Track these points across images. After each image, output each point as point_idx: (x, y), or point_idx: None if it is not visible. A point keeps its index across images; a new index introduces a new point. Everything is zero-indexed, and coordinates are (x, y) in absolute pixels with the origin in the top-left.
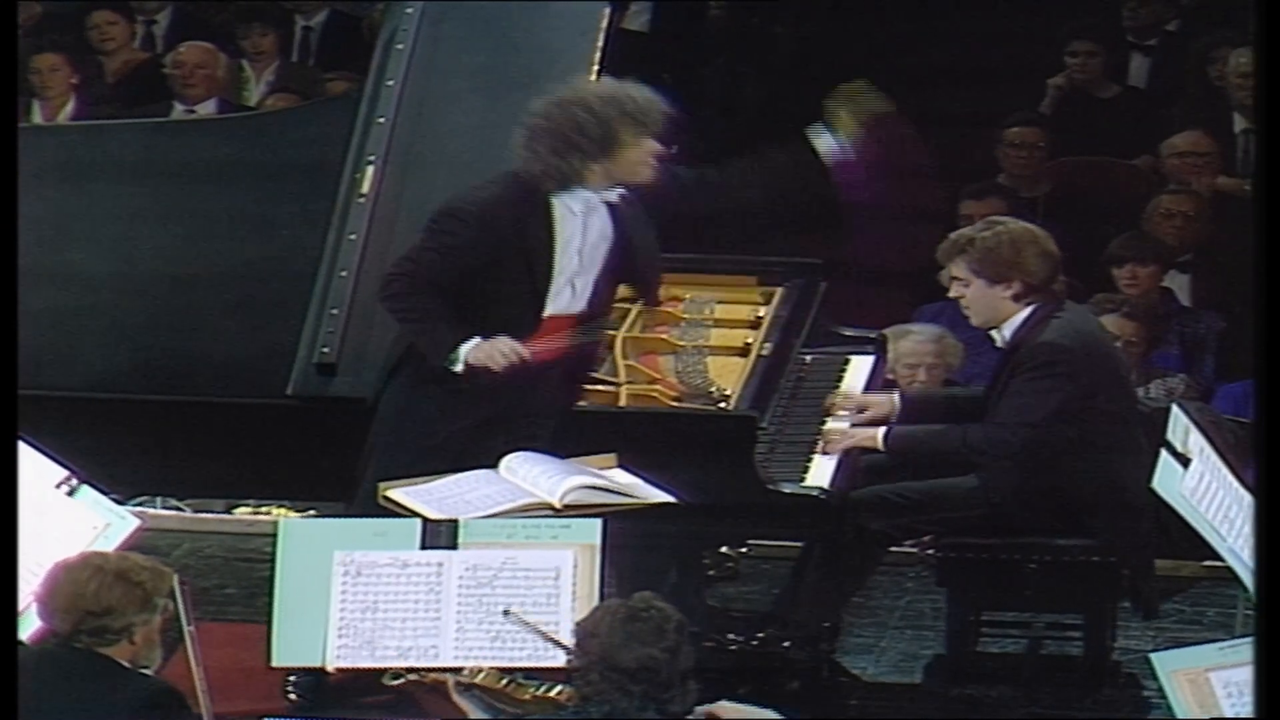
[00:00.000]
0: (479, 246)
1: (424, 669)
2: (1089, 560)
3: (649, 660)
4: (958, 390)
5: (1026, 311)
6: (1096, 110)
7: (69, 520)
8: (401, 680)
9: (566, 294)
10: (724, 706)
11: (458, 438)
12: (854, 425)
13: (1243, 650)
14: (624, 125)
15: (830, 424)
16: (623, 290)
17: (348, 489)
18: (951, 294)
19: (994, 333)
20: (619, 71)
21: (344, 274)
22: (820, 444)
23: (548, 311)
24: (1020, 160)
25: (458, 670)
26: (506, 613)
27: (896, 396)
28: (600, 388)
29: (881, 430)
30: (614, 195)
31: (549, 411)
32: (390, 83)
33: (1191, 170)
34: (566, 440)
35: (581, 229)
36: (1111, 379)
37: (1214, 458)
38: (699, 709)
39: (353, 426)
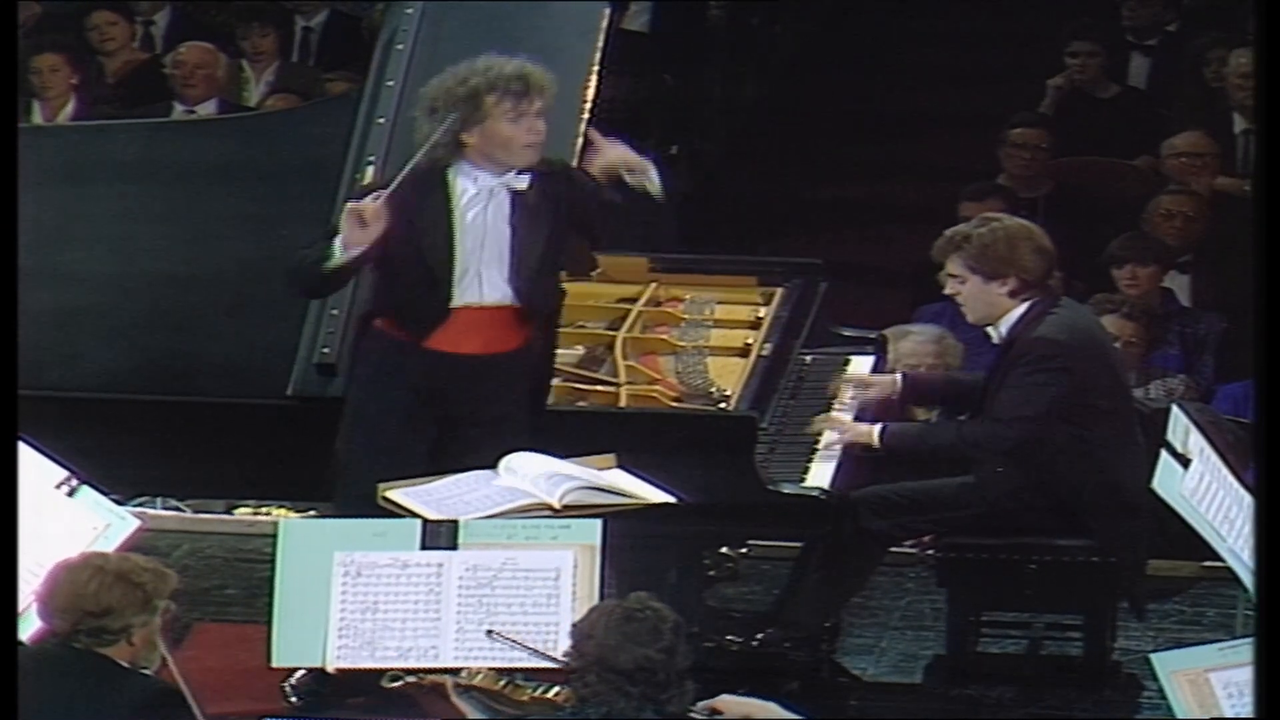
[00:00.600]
0: (406, 192)
1: (422, 670)
2: (1089, 560)
3: (646, 661)
4: (956, 374)
5: (1023, 308)
6: (1096, 110)
7: (69, 521)
8: (400, 683)
9: (475, 284)
10: (726, 701)
11: (418, 439)
12: (855, 416)
13: (1243, 651)
14: (481, 87)
15: (830, 413)
16: (621, 290)
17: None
18: (947, 291)
19: (990, 329)
20: (619, 71)
21: None
22: (817, 438)
23: (456, 302)
24: (1023, 161)
25: (456, 672)
26: (490, 633)
27: (899, 376)
28: (600, 388)
29: (877, 427)
30: (522, 182)
31: (515, 415)
32: (390, 83)
33: (1191, 171)
34: (567, 441)
35: (483, 213)
36: (1107, 374)
37: (1214, 458)
38: (700, 704)
39: None
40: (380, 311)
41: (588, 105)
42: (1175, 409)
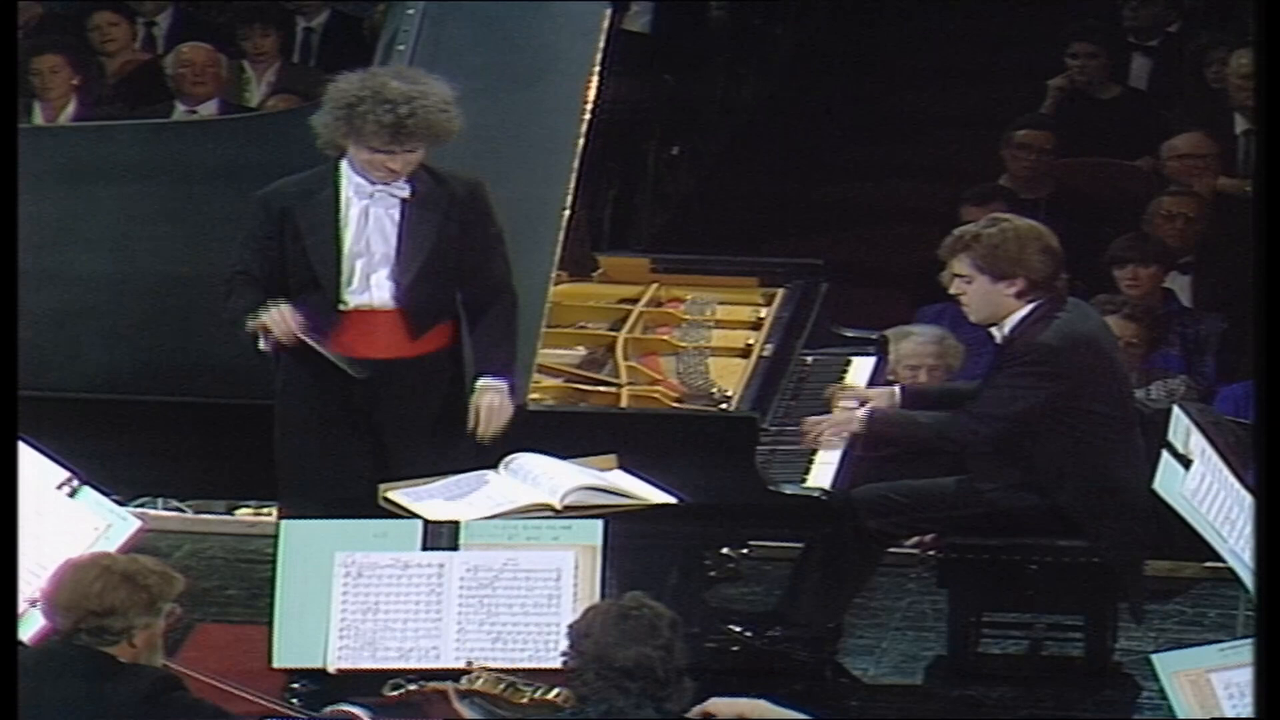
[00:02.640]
0: (267, 230)
1: (423, 670)
2: (1090, 561)
3: (644, 658)
4: (957, 384)
5: (1027, 309)
6: (1097, 111)
7: (70, 522)
8: (401, 691)
9: (364, 286)
10: (717, 704)
11: (344, 445)
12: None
13: (1243, 651)
14: (361, 97)
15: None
16: (622, 290)
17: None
18: (952, 290)
19: (993, 329)
20: (620, 72)
21: None
22: (807, 433)
23: (349, 304)
24: (1026, 163)
25: (456, 678)
26: (470, 664)
27: (897, 389)
28: (601, 389)
29: (864, 409)
30: (403, 190)
31: (441, 422)
32: None
33: (1192, 172)
34: (568, 441)
35: (365, 213)
36: (1108, 379)
37: (1215, 459)
38: (693, 709)
39: None
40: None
41: (588, 105)
42: (1176, 410)
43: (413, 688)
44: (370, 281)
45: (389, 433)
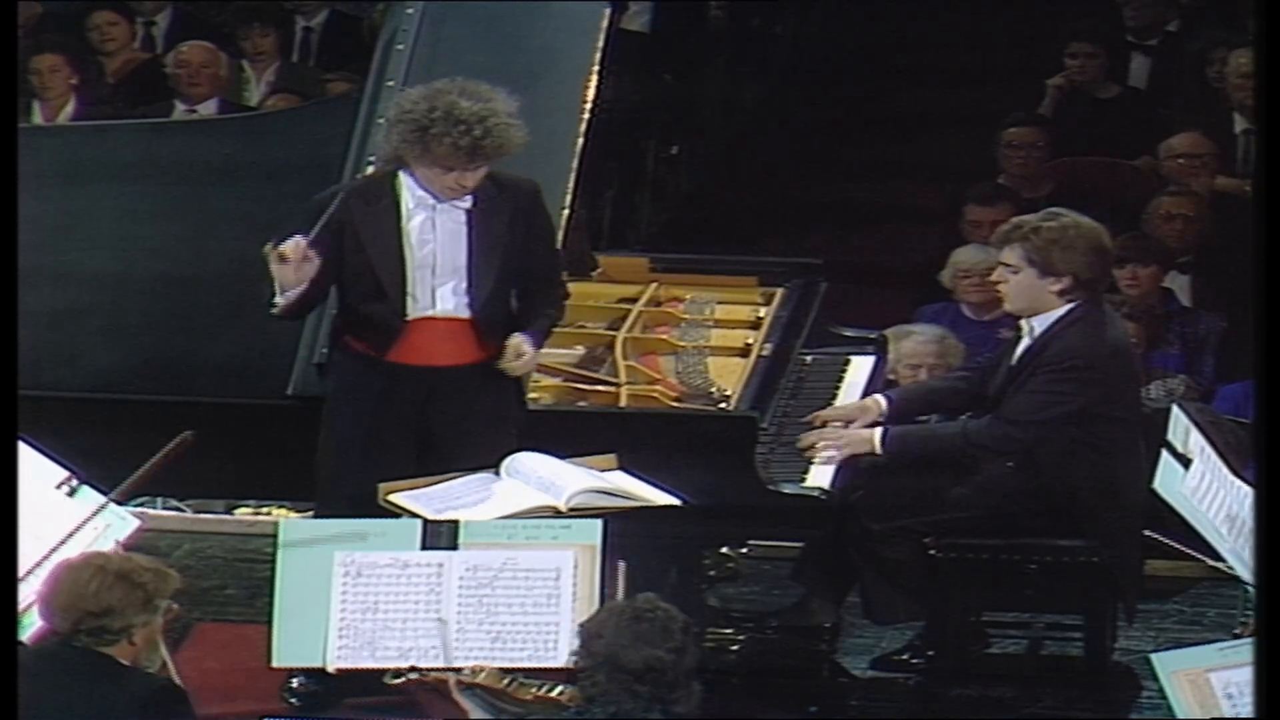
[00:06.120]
0: (320, 236)
1: (425, 668)
2: (1089, 561)
3: (655, 661)
4: (934, 383)
5: (1065, 309)
6: (1097, 111)
7: (69, 521)
8: (402, 679)
9: (428, 296)
10: None
11: (393, 452)
12: (847, 431)
13: (1243, 650)
14: (434, 119)
15: (827, 427)
16: (621, 290)
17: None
18: (993, 278)
19: (1023, 323)
20: (620, 72)
21: None
22: (814, 451)
23: (411, 314)
24: (1019, 161)
25: (459, 669)
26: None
27: (881, 397)
28: (601, 388)
29: (878, 432)
30: (465, 202)
31: (488, 428)
32: (391, 83)
33: (1190, 172)
34: (567, 441)
35: (429, 222)
36: (1127, 386)
37: (1215, 458)
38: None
39: None
40: (345, 325)
41: (588, 105)
42: (1176, 409)
43: (414, 676)
44: (435, 293)
45: (440, 436)
